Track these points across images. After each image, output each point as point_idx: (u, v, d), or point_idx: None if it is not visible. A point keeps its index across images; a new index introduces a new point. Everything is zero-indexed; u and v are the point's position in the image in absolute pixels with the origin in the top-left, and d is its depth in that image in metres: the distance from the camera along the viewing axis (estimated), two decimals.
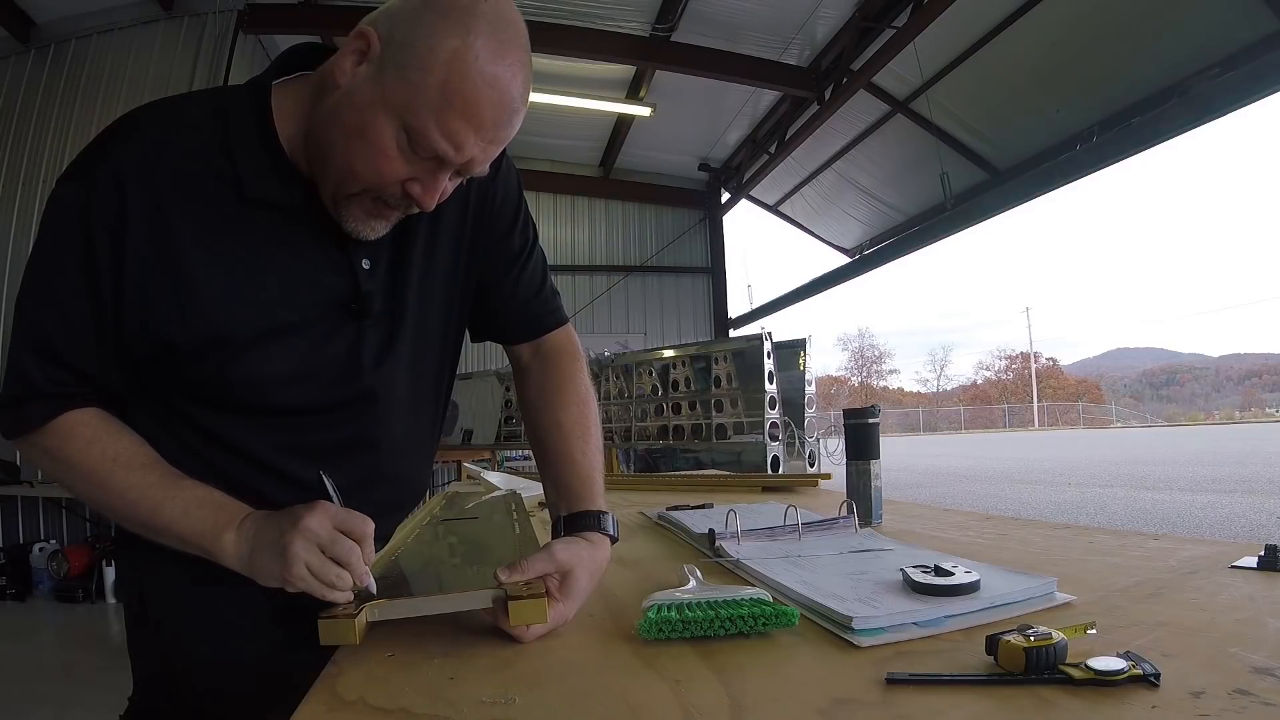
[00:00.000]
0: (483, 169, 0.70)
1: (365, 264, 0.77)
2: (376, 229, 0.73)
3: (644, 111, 7.27)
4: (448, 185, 0.71)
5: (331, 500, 0.68)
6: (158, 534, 0.70)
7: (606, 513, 0.79)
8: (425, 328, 0.84)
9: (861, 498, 1.16)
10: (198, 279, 0.70)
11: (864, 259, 8.30)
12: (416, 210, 0.72)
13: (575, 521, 0.78)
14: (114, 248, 0.67)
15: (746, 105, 7.74)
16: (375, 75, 0.65)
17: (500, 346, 0.96)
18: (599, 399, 0.95)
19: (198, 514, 0.68)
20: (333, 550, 0.63)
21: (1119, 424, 47.34)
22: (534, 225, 0.93)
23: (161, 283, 0.69)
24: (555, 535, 0.78)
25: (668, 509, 1.26)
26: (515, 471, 3.25)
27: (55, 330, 0.69)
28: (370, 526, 0.65)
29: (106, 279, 0.68)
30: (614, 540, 0.78)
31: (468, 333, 0.94)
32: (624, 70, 6.89)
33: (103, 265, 0.68)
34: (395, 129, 0.65)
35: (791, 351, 4.86)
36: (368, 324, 0.78)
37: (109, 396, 0.74)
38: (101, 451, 0.70)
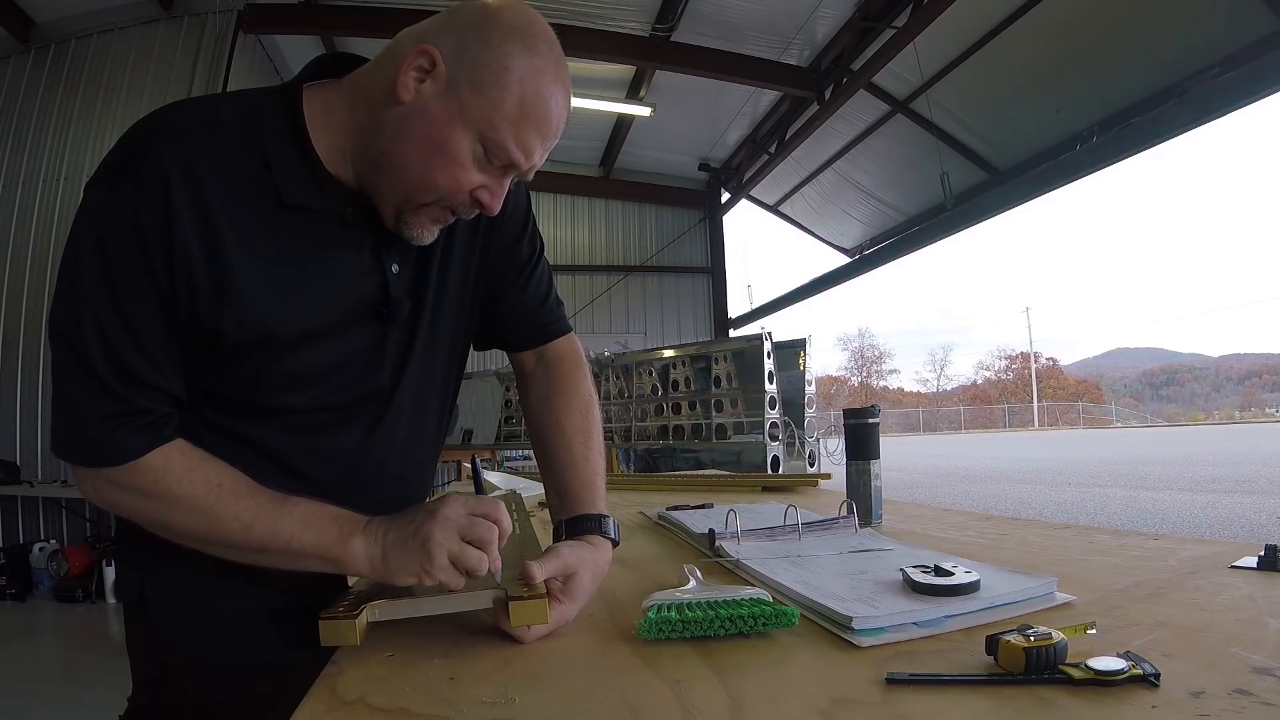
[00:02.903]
0: (533, 172, 0.76)
1: (394, 268, 0.78)
2: (433, 234, 0.76)
3: (644, 111, 7.28)
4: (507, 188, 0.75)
5: (482, 483, 0.72)
6: (275, 555, 0.69)
7: (608, 516, 0.80)
8: (438, 332, 0.84)
9: (861, 498, 1.16)
10: (242, 280, 0.69)
11: (864, 259, 8.31)
12: (475, 214, 0.75)
13: (577, 525, 0.78)
14: (165, 247, 0.66)
15: (746, 105, 7.75)
16: (446, 91, 0.68)
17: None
18: (599, 399, 0.95)
19: (319, 526, 0.68)
20: (472, 534, 0.64)
21: (1119, 424, 47.34)
22: (541, 236, 0.94)
23: (209, 281, 0.68)
24: (557, 538, 0.79)
25: (668, 509, 1.26)
26: (515, 471, 3.25)
27: (127, 346, 0.66)
28: (502, 509, 0.67)
29: (164, 280, 0.66)
30: (615, 544, 0.79)
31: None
32: (624, 70, 6.89)
33: (159, 267, 0.66)
34: (472, 141, 0.69)
35: (791, 351, 4.87)
36: (392, 327, 0.79)
37: (181, 411, 0.73)
38: (205, 480, 0.68)
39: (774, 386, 4.45)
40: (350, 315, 0.77)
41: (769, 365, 4.45)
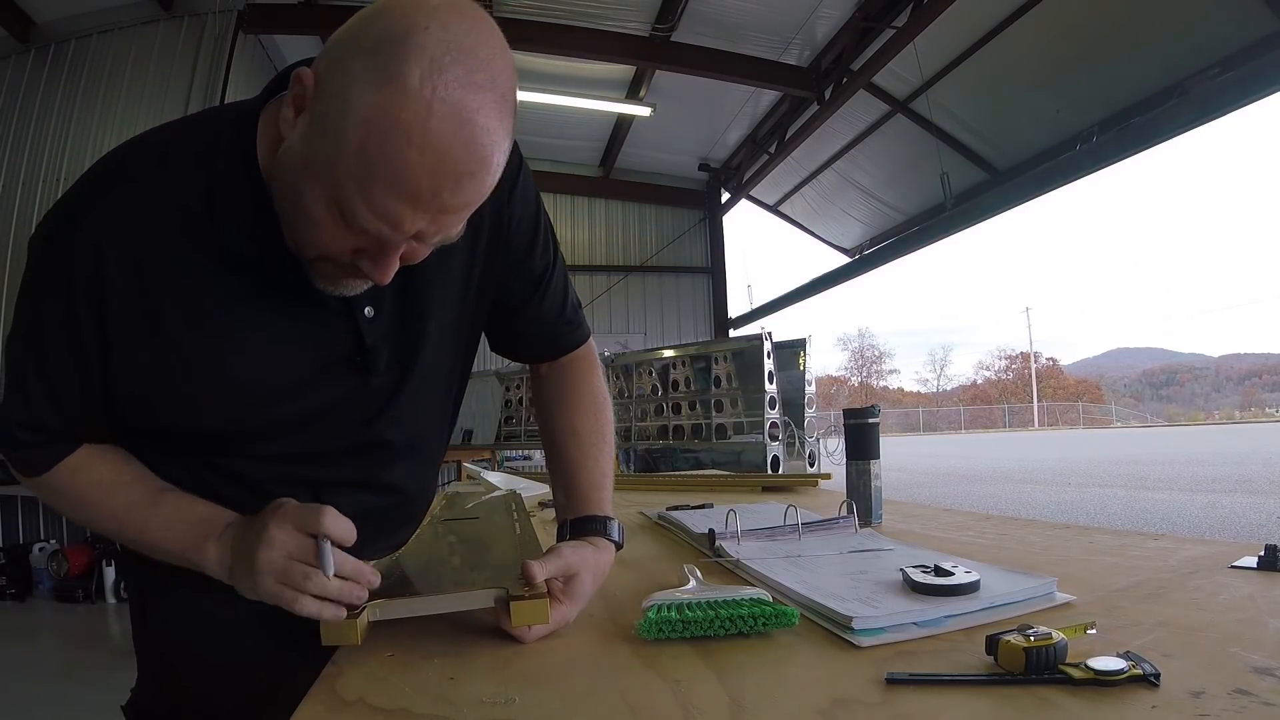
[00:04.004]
0: (447, 236, 0.59)
1: (368, 311, 0.71)
2: (352, 286, 0.65)
3: (644, 111, 7.28)
4: (418, 248, 0.60)
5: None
6: (150, 551, 0.71)
7: (612, 519, 0.79)
8: (435, 364, 0.80)
9: (861, 498, 1.16)
10: (194, 364, 0.66)
11: (864, 259, 8.31)
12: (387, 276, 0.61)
13: (581, 525, 0.78)
14: (98, 326, 0.63)
15: (746, 105, 7.75)
16: (305, 133, 0.56)
17: None
18: None
19: (179, 529, 0.68)
20: (302, 555, 0.61)
21: (1119, 424, 47.36)
22: (555, 241, 0.88)
23: (155, 369, 0.65)
24: (560, 538, 0.78)
25: (668, 509, 1.26)
26: (515, 471, 3.25)
27: (44, 409, 0.67)
28: (329, 517, 0.61)
29: (93, 352, 0.64)
30: (619, 546, 0.78)
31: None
32: (624, 70, 6.89)
33: (89, 340, 0.64)
34: (327, 200, 0.55)
35: (791, 351, 4.87)
36: (372, 374, 0.74)
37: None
38: (86, 479, 0.70)
39: (774, 386, 4.46)
40: (322, 368, 0.71)
41: (769, 365, 4.45)
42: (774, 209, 10.26)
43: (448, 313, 0.78)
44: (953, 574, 0.66)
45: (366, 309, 0.71)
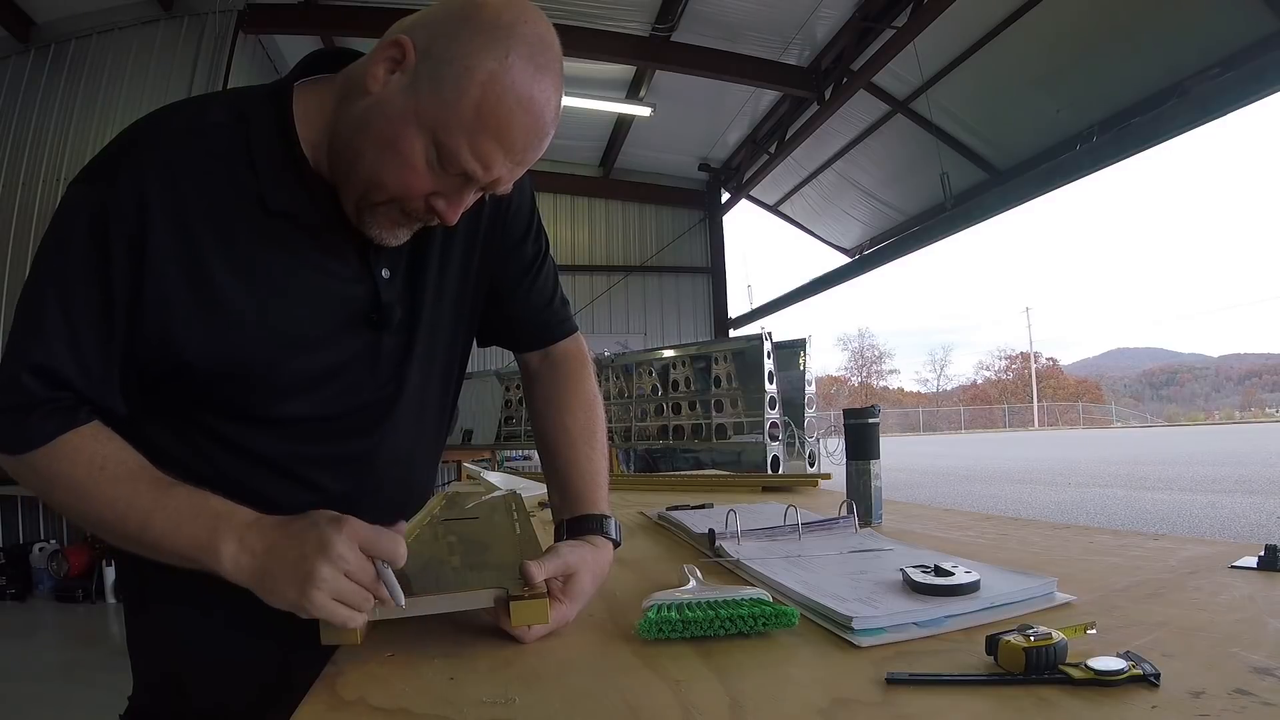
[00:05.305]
0: (506, 187, 0.70)
1: (385, 273, 0.77)
2: (400, 236, 0.73)
3: (644, 111, 7.28)
4: (474, 199, 0.71)
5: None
6: (152, 550, 0.64)
7: (609, 517, 0.80)
8: (437, 334, 0.83)
9: (861, 498, 1.16)
10: (226, 301, 0.68)
11: (864, 259, 8.30)
12: (438, 223, 0.71)
13: (579, 525, 0.78)
14: (134, 263, 0.65)
15: (746, 105, 7.75)
16: (409, 87, 0.65)
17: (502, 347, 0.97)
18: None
19: (190, 526, 0.62)
20: (360, 575, 0.58)
21: (1119, 424, 47.34)
22: (545, 234, 0.93)
23: (187, 305, 0.67)
24: (558, 537, 0.79)
25: (668, 509, 1.26)
26: (515, 471, 3.25)
27: (61, 351, 0.65)
28: (402, 546, 0.60)
29: (122, 295, 0.65)
30: (617, 544, 0.79)
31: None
32: (624, 70, 6.89)
33: (120, 281, 0.65)
34: (426, 144, 0.65)
35: (791, 351, 4.87)
36: (386, 334, 0.78)
37: (110, 413, 0.70)
38: (88, 459, 0.64)
39: (774, 386, 4.45)
40: (340, 323, 0.75)
41: (769, 365, 4.45)
42: (774, 209, 10.26)
43: (451, 286, 0.83)
44: (953, 574, 0.66)
45: (384, 270, 0.77)
